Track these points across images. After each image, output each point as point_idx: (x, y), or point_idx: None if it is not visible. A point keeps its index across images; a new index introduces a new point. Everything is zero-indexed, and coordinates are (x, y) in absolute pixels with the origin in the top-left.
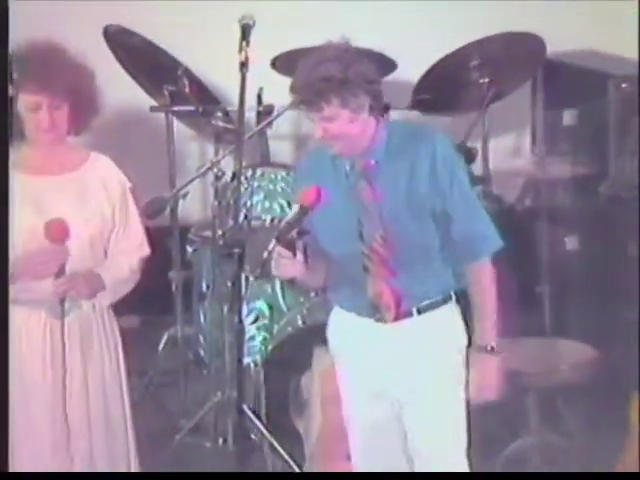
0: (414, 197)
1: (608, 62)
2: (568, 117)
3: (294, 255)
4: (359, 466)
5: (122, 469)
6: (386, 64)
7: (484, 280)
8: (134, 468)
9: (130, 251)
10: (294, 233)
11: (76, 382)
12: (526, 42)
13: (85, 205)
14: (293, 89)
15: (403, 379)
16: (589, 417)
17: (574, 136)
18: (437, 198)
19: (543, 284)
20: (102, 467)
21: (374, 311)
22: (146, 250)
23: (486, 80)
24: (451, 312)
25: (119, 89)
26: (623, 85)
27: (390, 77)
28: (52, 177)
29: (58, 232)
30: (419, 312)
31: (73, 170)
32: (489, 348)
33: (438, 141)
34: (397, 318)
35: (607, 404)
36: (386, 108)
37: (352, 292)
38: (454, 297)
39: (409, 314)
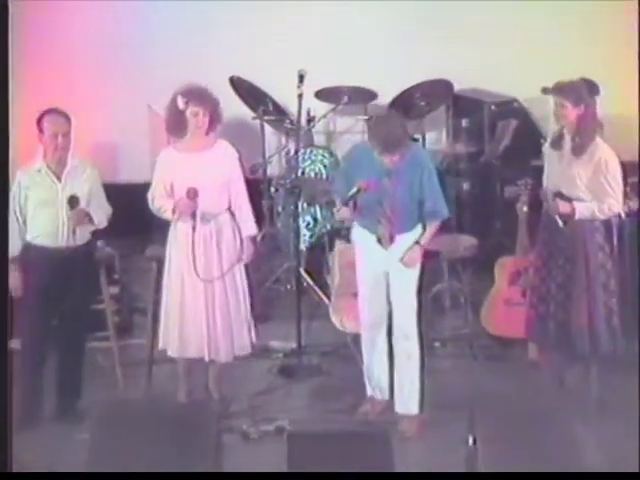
0: (413, 191)
1: (485, 95)
2: (465, 122)
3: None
4: (362, 303)
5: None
6: (373, 94)
7: (433, 229)
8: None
9: (243, 202)
10: (352, 201)
11: (215, 262)
12: (443, 84)
13: (217, 168)
14: (379, 141)
15: (391, 257)
16: (475, 274)
17: (468, 132)
18: (423, 192)
19: (452, 207)
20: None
21: (378, 242)
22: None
23: (423, 103)
24: (414, 235)
25: (239, 108)
26: (492, 107)
27: (374, 101)
28: (199, 153)
29: (191, 194)
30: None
31: (209, 149)
32: (420, 244)
33: (427, 162)
34: (390, 245)
35: (484, 268)
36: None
37: (368, 228)
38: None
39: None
